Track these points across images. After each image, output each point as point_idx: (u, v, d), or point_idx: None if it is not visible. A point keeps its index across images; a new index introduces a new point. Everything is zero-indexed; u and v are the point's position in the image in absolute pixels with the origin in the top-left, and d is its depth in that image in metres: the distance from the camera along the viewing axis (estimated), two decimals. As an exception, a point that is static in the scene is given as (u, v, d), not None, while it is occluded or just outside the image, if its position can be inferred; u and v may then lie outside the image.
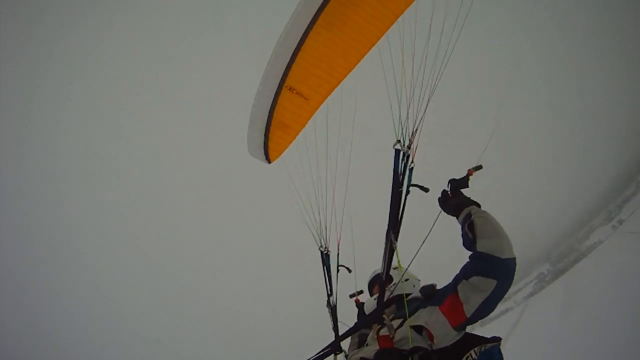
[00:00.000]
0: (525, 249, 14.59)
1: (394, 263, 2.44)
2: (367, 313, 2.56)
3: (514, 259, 1.89)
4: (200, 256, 16.41)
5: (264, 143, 2.97)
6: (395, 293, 2.48)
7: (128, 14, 14.45)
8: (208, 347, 16.89)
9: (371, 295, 2.80)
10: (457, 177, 2.36)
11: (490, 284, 1.81)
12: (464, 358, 1.86)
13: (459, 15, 2.69)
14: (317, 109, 2.97)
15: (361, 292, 2.95)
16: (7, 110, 15.36)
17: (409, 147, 2.45)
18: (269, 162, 3.12)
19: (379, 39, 2.99)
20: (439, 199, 2.43)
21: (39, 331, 16.93)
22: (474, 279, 1.86)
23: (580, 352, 8.10)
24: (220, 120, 13.94)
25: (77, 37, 14.65)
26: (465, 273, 1.92)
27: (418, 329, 1.98)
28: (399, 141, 2.48)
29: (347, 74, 2.95)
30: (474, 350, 1.87)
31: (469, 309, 1.85)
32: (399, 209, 2.36)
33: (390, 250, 2.33)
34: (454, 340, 1.92)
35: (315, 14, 2.48)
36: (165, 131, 15.69)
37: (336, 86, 2.94)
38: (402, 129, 2.48)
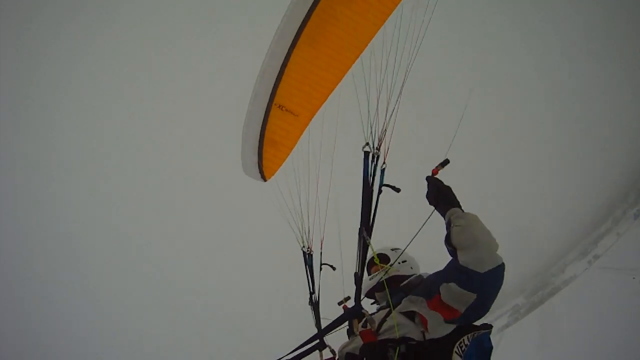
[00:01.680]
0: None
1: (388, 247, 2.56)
2: (363, 289, 2.53)
3: (497, 267, 1.83)
4: (198, 253, 16.09)
5: (258, 162, 3.01)
6: (390, 274, 2.45)
7: (128, 13, 14.61)
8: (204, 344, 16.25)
9: (369, 274, 2.71)
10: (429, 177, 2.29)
11: (470, 297, 1.81)
12: (457, 345, 1.87)
13: (426, 9, 2.70)
14: (306, 125, 3.01)
15: (348, 298, 2.89)
16: (6, 109, 15.31)
17: (378, 149, 2.43)
18: (265, 180, 3.16)
19: (361, 51, 3.06)
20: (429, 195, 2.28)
21: (36, 328, 16.12)
22: (456, 289, 1.83)
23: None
24: (217, 119, 13.82)
25: (76, 36, 14.77)
26: (447, 277, 1.90)
27: (410, 315, 1.97)
28: (367, 143, 2.47)
29: (334, 88, 2.99)
30: (467, 337, 1.89)
31: (460, 308, 1.85)
32: (370, 208, 2.37)
33: (364, 246, 2.33)
34: (447, 332, 1.91)
35: (298, 30, 2.52)
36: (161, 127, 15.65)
37: (324, 101, 2.98)
38: (372, 130, 2.44)
